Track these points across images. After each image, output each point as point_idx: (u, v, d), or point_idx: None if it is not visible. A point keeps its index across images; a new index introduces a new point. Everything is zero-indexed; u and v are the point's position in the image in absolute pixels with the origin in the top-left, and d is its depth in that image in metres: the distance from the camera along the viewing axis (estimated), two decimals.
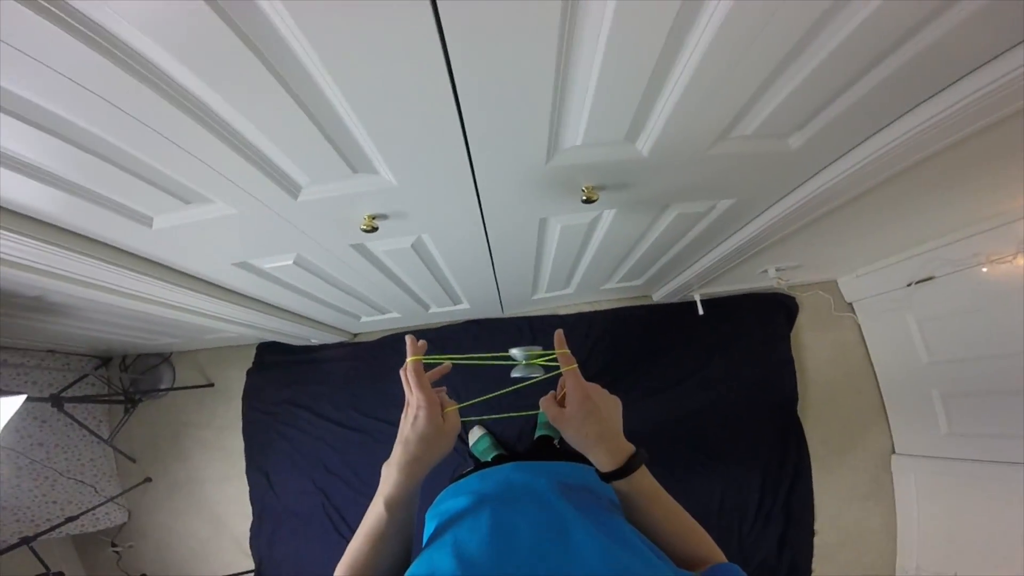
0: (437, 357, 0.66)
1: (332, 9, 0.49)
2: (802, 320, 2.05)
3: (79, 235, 0.91)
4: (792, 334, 2.03)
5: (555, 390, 0.64)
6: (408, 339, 0.60)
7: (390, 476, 0.55)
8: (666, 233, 1.23)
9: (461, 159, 0.78)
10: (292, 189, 0.83)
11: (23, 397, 1.42)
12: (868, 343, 1.99)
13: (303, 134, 0.67)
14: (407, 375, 0.58)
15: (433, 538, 0.58)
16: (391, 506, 0.54)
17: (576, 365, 0.59)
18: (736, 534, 1.85)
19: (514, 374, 0.67)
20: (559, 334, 0.61)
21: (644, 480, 0.57)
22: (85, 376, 2.06)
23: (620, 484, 0.56)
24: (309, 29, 0.51)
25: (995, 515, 1.53)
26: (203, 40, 0.51)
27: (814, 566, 1.85)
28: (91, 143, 0.66)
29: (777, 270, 1.72)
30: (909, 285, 1.71)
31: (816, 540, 1.86)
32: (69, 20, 0.48)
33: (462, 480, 0.78)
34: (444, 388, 0.64)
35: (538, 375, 0.65)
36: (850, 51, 0.60)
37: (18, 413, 1.39)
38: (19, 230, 0.81)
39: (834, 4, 0.53)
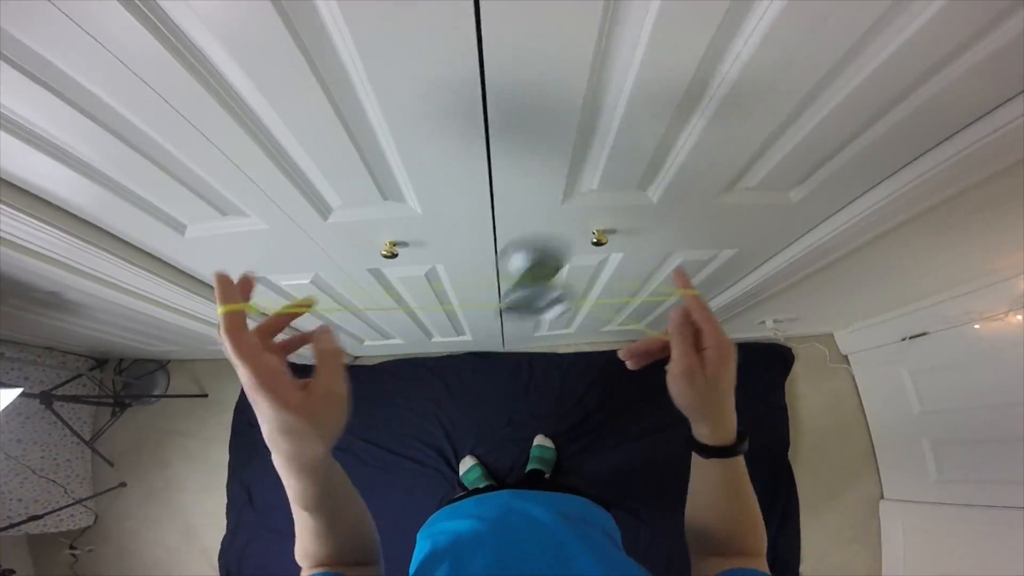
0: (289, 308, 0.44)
1: (388, 35, 0.51)
2: (797, 370, 2.09)
3: (109, 234, 0.93)
4: (787, 382, 2.06)
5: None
6: (217, 277, 0.38)
7: (284, 481, 0.42)
8: (669, 280, 1.27)
9: (484, 194, 0.83)
10: (324, 210, 0.87)
11: (18, 391, 1.42)
12: (861, 393, 2.04)
13: (343, 156, 0.71)
14: (222, 338, 0.35)
15: (429, 563, 0.55)
16: (311, 507, 0.43)
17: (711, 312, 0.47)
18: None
19: (506, 302, 0.47)
20: (681, 269, 0.50)
21: (741, 462, 0.51)
22: (79, 376, 2.06)
23: (715, 465, 0.50)
24: (364, 50, 0.52)
25: (982, 558, 1.55)
26: (263, 45, 0.51)
27: None
28: (142, 142, 0.67)
29: (775, 321, 1.76)
30: (903, 340, 1.77)
31: None
32: (139, 5, 0.47)
33: (457, 503, 0.77)
34: (327, 326, 0.44)
35: (562, 305, 0.46)
36: (849, 110, 0.66)
37: (5, 407, 1.38)
38: (53, 222, 0.82)
39: (834, 68, 0.58)
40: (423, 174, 0.78)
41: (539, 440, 1.91)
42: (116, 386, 2.20)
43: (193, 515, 2.10)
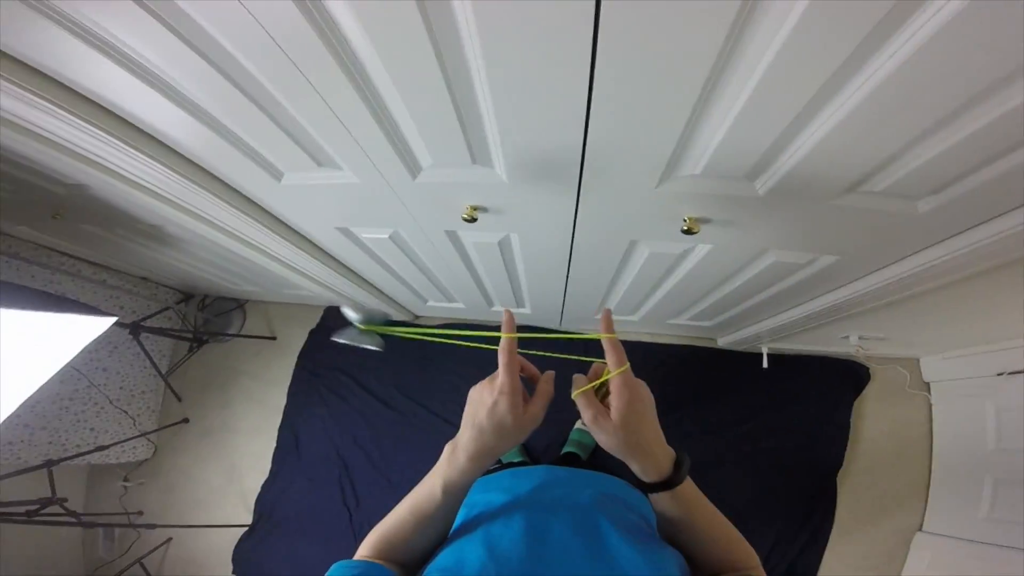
0: (527, 335, 0.55)
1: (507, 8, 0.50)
2: (870, 391, 1.94)
3: (210, 174, 0.98)
4: (856, 402, 1.92)
5: (585, 374, 0.55)
6: (505, 313, 0.53)
7: (456, 460, 0.50)
8: (755, 279, 1.20)
9: (574, 167, 0.80)
10: (415, 169, 0.88)
11: (113, 319, 1.48)
12: (935, 423, 1.89)
13: (442, 116, 0.70)
14: (501, 355, 0.50)
15: (462, 530, 0.56)
16: (448, 490, 0.51)
17: (627, 362, 0.50)
18: None
19: (335, 337, 0.60)
20: (607, 314, 0.52)
21: (690, 488, 0.53)
22: (166, 309, 2.21)
23: (664, 496, 0.51)
24: (481, 13, 0.52)
25: None
26: (390, 14, 0.53)
27: None
28: (252, 88, 0.70)
29: (860, 338, 1.63)
30: (999, 375, 1.60)
31: None
32: None
33: (492, 475, 0.76)
34: (552, 373, 0.57)
35: (373, 346, 0.60)
36: (1016, 120, 0.57)
37: (100, 334, 1.45)
38: (161, 159, 0.88)
39: (1008, 76, 0.51)
40: (515, 141, 0.75)
41: (580, 424, 1.89)
42: (197, 321, 2.36)
43: (240, 456, 2.21)
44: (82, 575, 2.16)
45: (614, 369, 0.50)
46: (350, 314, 0.60)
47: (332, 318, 2.28)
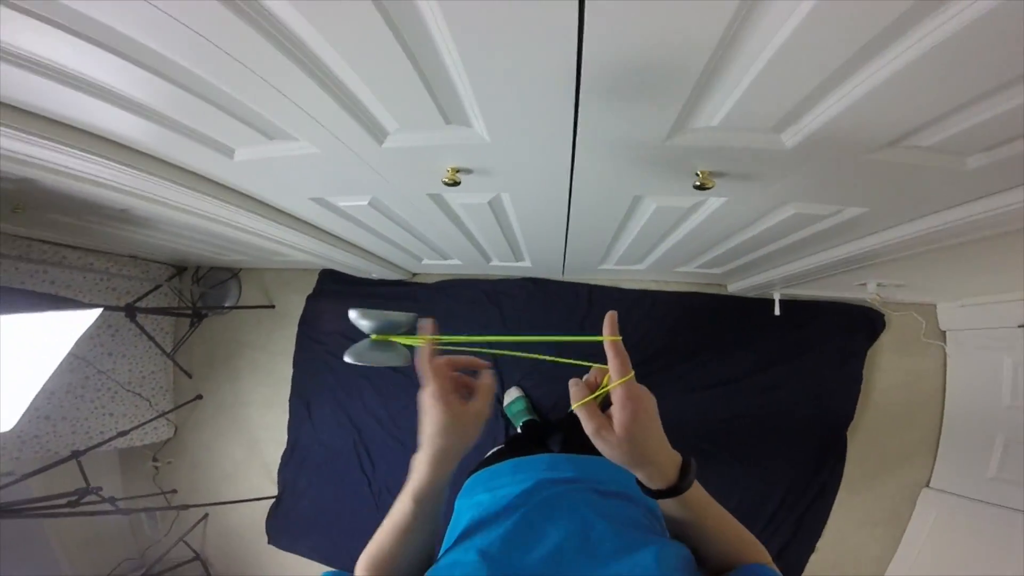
0: (450, 338, 0.56)
1: None
2: (884, 340, 1.85)
3: (164, 161, 0.91)
4: (868, 352, 1.85)
5: (584, 377, 0.53)
6: (421, 323, 0.54)
7: (418, 470, 0.51)
8: (772, 230, 1.09)
9: (566, 124, 0.69)
10: (378, 134, 0.77)
11: (98, 310, 1.46)
12: (949, 375, 1.81)
13: (400, 78, 0.60)
14: (416, 362, 0.52)
15: (462, 536, 0.57)
16: (418, 499, 0.51)
17: (631, 371, 0.47)
18: None
19: (348, 357, 0.52)
20: (612, 317, 0.48)
21: (697, 493, 0.51)
22: (159, 286, 2.14)
23: (671, 501, 0.50)
24: None
25: (1004, 562, 1.45)
26: None
27: None
28: (182, 76, 0.64)
29: (878, 285, 1.53)
30: (1021, 327, 1.50)
31: (813, 557, 1.79)
32: None
33: (495, 467, 0.75)
34: (489, 366, 0.57)
35: (397, 363, 0.54)
36: None
37: (95, 322, 1.44)
38: (111, 156, 0.84)
39: None
40: (494, 96, 0.64)
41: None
42: (194, 295, 2.30)
43: (257, 428, 2.23)
44: (136, 555, 2.26)
45: (616, 378, 0.46)
46: (361, 322, 0.51)
47: (328, 281, 2.21)
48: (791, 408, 1.81)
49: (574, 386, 0.51)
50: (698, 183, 0.76)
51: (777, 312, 1.79)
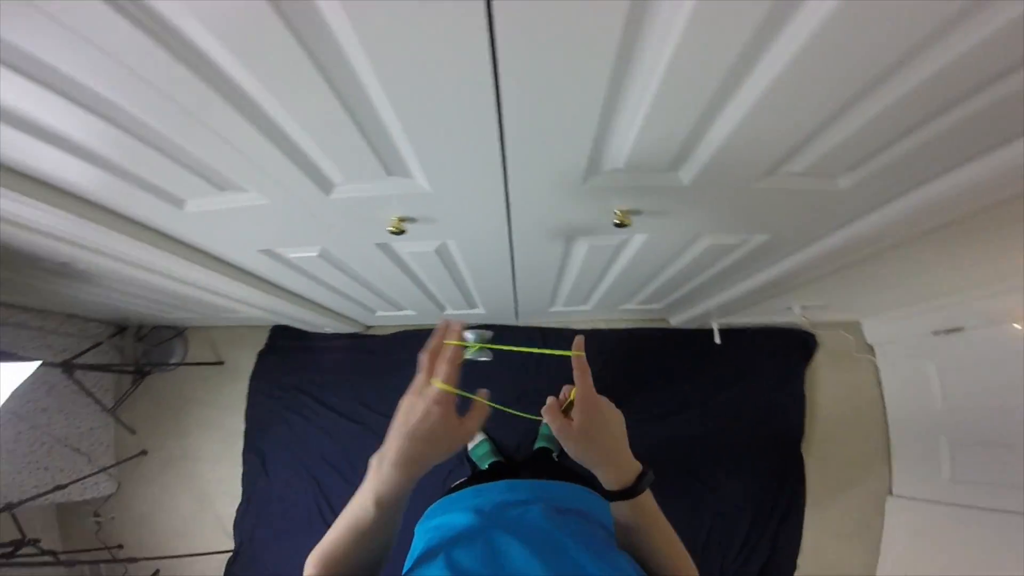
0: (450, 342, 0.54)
1: (386, 9, 0.47)
2: (819, 358, 2.00)
3: (111, 211, 0.91)
4: (807, 371, 1.99)
5: (557, 396, 0.58)
6: (446, 323, 0.54)
7: (383, 472, 0.49)
8: (694, 263, 1.20)
9: (497, 171, 0.77)
10: (325, 185, 0.82)
11: (37, 363, 1.41)
12: (884, 386, 1.95)
13: (342, 133, 0.66)
14: (432, 361, 0.51)
15: (426, 556, 0.56)
16: (382, 503, 0.49)
17: (590, 376, 0.54)
18: (718, 564, 1.81)
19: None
20: (579, 340, 0.54)
21: (648, 501, 0.56)
22: (99, 344, 2.06)
23: (624, 505, 0.55)
24: (360, 28, 0.49)
25: (983, 562, 1.51)
26: (253, 29, 0.49)
27: None
28: (133, 126, 0.66)
29: (803, 308, 1.67)
30: (935, 334, 1.66)
31: (796, 574, 1.83)
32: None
33: (456, 494, 0.77)
34: (487, 392, 0.57)
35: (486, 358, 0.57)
36: (925, 94, 0.57)
37: (28, 377, 1.38)
38: (53, 202, 0.82)
39: (923, 42, 0.50)
40: (430, 149, 0.72)
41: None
42: (136, 353, 2.22)
43: (208, 483, 2.14)
44: None
45: (578, 382, 0.54)
46: (467, 335, 0.57)
47: (280, 337, 2.18)
48: (742, 430, 1.90)
49: (548, 400, 0.58)
50: (617, 221, 0.85)
51: (717, 340, 1.90)
